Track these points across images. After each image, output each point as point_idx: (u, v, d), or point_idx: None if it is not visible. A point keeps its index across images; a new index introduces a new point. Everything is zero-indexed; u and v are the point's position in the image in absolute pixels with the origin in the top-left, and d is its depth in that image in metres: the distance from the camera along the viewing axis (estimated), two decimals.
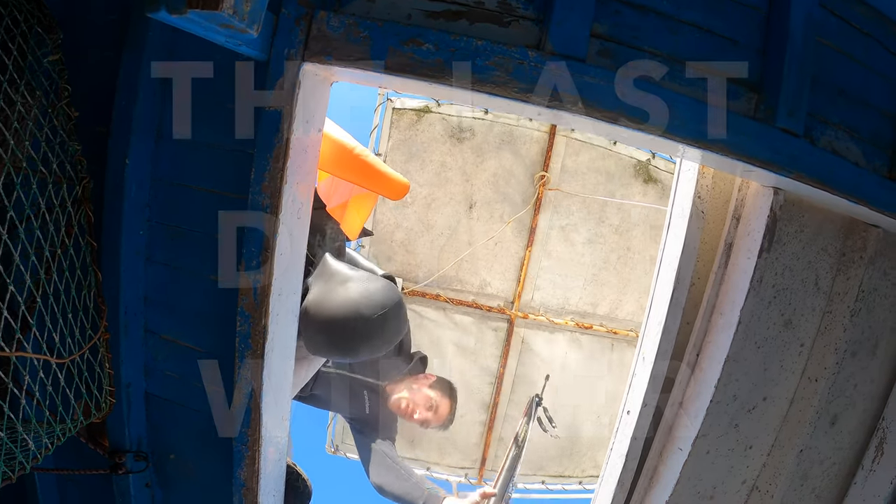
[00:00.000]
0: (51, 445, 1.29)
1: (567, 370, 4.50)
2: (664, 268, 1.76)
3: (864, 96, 1.61)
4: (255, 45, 1.26)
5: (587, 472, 4.73)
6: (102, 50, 1.48)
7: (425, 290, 4.30)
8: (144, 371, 1.59)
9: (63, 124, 1.36)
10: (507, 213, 4.22)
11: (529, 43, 1.32)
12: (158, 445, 1.64)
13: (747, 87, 1.46)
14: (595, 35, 1.34)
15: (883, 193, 1.58)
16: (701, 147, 1.38)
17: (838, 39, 1.56)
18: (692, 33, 1.42)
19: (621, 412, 1.85)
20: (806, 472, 1.80)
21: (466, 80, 1.26)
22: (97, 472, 1.58)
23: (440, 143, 4.14)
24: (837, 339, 1.70)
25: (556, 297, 4.40)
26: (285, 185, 1.32)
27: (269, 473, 1.52)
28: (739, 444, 1.73)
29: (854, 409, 1.81)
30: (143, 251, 1.52)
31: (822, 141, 1.54)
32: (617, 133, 1.38)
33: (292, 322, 1.51)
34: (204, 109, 1.43)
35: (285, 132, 1.30)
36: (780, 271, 1.61)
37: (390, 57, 1.26)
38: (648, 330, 1.79)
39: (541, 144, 4.19)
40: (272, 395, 1.45)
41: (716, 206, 1.75)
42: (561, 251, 4.33)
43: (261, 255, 1.34)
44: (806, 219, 1.63)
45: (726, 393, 1.64)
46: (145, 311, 1.56)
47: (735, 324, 1.59)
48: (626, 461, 1.81)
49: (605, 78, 1.30)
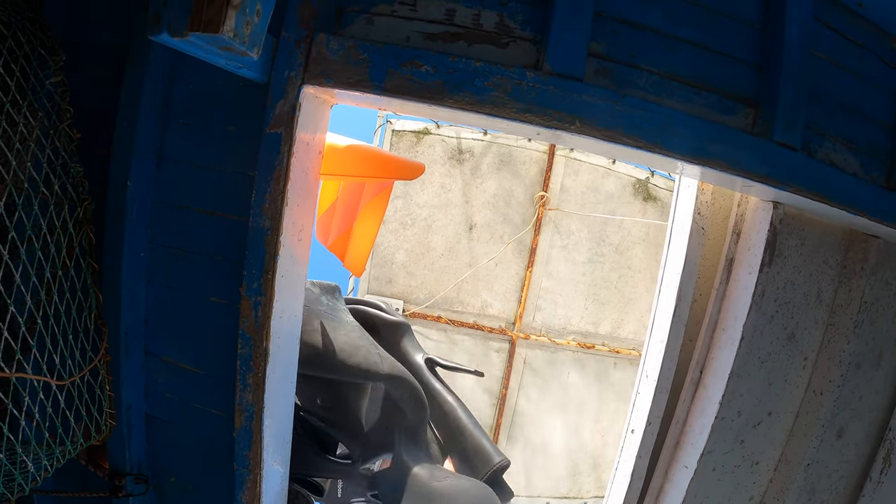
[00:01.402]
0: (50, 467, 1.28)
1: (570, 390, 4.48)
2: (665, 285, 1.76)
3: (861, 107, 1.62)
4: (256, 68, 1.27)
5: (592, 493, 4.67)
6: (104, 72, 1.50)
7: (426, 312, 4.30)
8: (145, 393, 1.58)
9: (65, 146, 1.37)
10: (508, 234, 4.23)
11: (527, 63, 1.33)
12: (159, 468, 1.63)
13: (744, 102, 1.48)
14: (592, 54, 1.36)
15: (882, 203, 1.58)
16: (699, 163, 1.38)
17: (833, 52, 1.57)
18: (688, 50, 1.44)
19: (625, 431, 1.83)
20: (813, 485, 1.78)
21: (465, 102, 1.26)
22: (97, 494, 1.57)
23: (440, 164, 4.16)
24: (841, 352, 1.69)
25: (558, 318, 4.39)
26: (286, 206, 1.32)
27: (271, 497, 1.50)
28: (746, 460, 1.72)
29: (860, 421, 1.79)
30: (144, 273, 1.52)
31: (819, 153, 1.54)
32: (616, 151, 1.39)
33: (293, 344, 1.50)
34: (205, 132, 1.44)
35: (286, 154, 1.31)
36: (782, 285, 1.61)
37: (389, 79, 1.27)
38: (651, 348, 1.78)
39: (540, 164, 4.21)
40: (273, 418, 1.44)
41: (716, 222, 1.75)
42: (562, 271, 4.33)
43: (262, 277, 1.34)
44: (806, 232, 1.63)
45: (731, 409, 1.62)
46: (146, 333, 1.55)
47: (738, 339, 1.58)
48: (632, 480, 1.79)
49: (602, 97, 1.30)
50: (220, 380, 1.45)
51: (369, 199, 2.87)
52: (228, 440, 1.42)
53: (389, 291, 4.23)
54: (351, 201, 2.89)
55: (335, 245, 3.11)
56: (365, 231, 2.99)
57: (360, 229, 2.97)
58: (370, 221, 2.97)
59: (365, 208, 2.89)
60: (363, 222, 2.95)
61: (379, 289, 4.24)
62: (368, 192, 2.88)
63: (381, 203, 2.96)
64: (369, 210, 2.91)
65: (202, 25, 1.04)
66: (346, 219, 2.90)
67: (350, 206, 2.89)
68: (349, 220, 2.90)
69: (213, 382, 1.49)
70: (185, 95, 1.49)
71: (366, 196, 2.87)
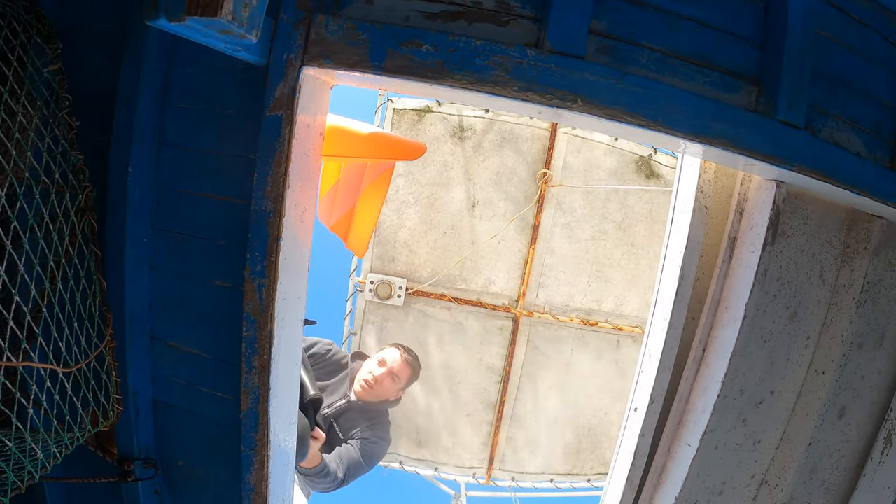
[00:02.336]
0: (59, 454, 1.29)
1: (573, 368, 4.49)
2: (668, 264, 1.76)
3: (865, 87, 1.61)
4: (255, 51, 1.27)
5: (595, 470, 4.71)
6: (102, 58, 1.49)
7: (429, 290, 4.29)
8: (151, 378, 1.60)
9: (64, 134, 1.36)
10: (510, 212, 4.20)
11: (528, 42, 1.32)
12: (167, 452, 1.65)
13: (747, 80, 1.46)
14: (593, 32, 1.34)
15: (885, 184, 1.58)
16: (702, 142, 1.37)
17: (837, 30, 1.55)
18: (691, 28, 1.42)
19: (628, 409, 1.85)
20: (815, 465, 1.80)
21: (466, 81, 1.26)
22: (106, 479, 1.59)
23: (442, 142, 4.13)
24: (843, 331, 1.69)
25: (561, 295, 4.38)
26: (288, 189, 1.32)
27: (279, 478, 1.52)
28: (748, 439, 1.73)
29: (862, 400, 1.80)
30: (147, 258, 1.53)
31: (823, 133, 1.53)
32: (618, 130, 1.38)
33: (298, 326, 1.51)
34: (205, 115, 1.44)
35: (286, 137, 1.30)
36: (785, 264, 1.61)
37: (389, 59, 1.26)
38: (654, 326, 1.78)
39: (542, 142, 4.18)
40: (279, 400, 1.45)
41: (719, 201, 1.74)
42: (564, 248, 4.31)
43: (265, 259, 1.34)
44: (809, 211, 1.63)
45: (733, 387, 1.63)
46: (151, 318, 1.56)
47: (741, 318, 1.58)
48: (635, 458, 1.80)
49: (604, 75, 1.29)
50: (226, 363, 1.46)
51: (371, 181, 2.87)
52: (235, 422, 1.43)
53: (392, 270, 4.22)
54: (352, 182, 2.89)
55: (337, 226, 3.12)
56: (367, 212, 2.99)
57: (362, 210, 2.97)
58: (372, 202, 2.97)
59: (367, 189, 2.89)
60: (365, 203, 2.95)
61: (382, 267, 4.23)
62: (370, 174, 2.88)
63: (382, 184, 2.96)
64: (371, 191, 2.91)
65: (200, 9, 1.02)
66: (347, 200, 2.90)
67: (352, 187, 2.89)
68: (351, 200, 2.90)
69: (218, 365, 1.50)
70: (183, 80, 1.48)
71: (367, 177, 2.87)
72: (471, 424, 4.50)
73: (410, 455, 4.50)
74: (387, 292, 4.25)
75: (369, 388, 2.90)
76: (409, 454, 4.50)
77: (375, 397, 2.94)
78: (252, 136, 1.34)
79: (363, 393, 2.90)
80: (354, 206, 2.94)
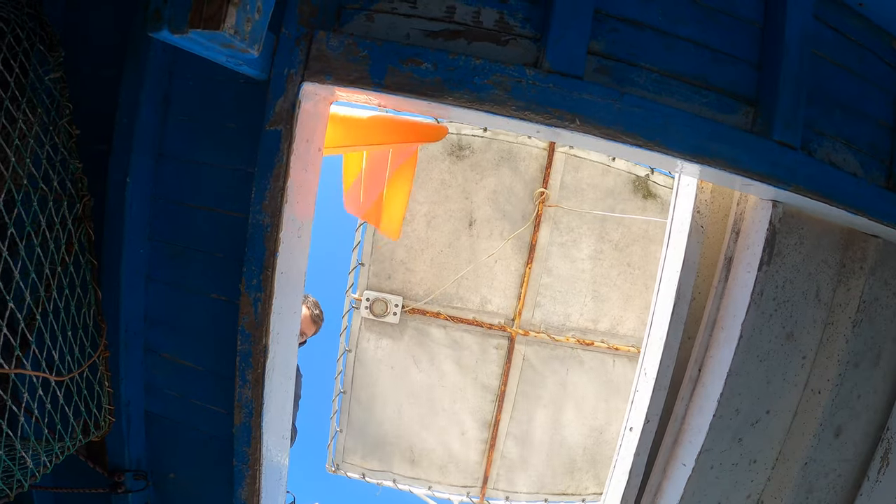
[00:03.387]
0: (49, 464, 1.27)
1: (568, 387, 4.47)
2: (664, 283, 1.76)
3: (861, 107, 1.62)
4: (256, 65, 1.27)
5: (590, 490, 4.67)
6: (104, 68, 1.50)
7: (425, 308, 4.28)
8: (144, 389, 1.58)
9: (64, 142, 1.36)
10: (507, 230, 4.21)
11: (527, 61, 1.33)
12: (158, 464, 1.63)
13: (744, 100, 1.48)
14: (592, 52, 1.36)
15: (881, 204, 1.58)
16: (699, 162, 1.38)
17: (833, 51, 1.57)
18: (688, 49, 1.44)
19: (624, 429, 1.84)
20: (811, 484, 1.78)
21: (465, 99, 1.27)
22: (96, 490, 1.57)
23: (439, 160, 4.15)
24: (840, 351, 1.69)
25: (557, 314, 4.38)
26: (286, 203, 1.32)
27: (271, 493, 1.50)
28: (744, 459, 1.72)
29: (858, 420, 1.79)
30: (144, 269, 1.52)
31: (819, 153, 1.54)
32: (615, 149, 1.39)
33: (292, 341, 1.50)
34: (205, 128, 1.44)
35: (285, 151, 1.31)
36: (781, 284, 1.61)
37: (389, 76, 1.27)
38: (650, 345, 1.78)
39: (540, 161, 4.21)
40: (272, 414, 1.44)
41: (715, 221, 1.75)
42: (561, 268, 4.32)
43: (262, 273, 1.34)
44: (805, 231, 1.64)
45: (729, 407, 1.63)
46: (145, 329, 1.56)
47: (737, 338, 1.58)
48: (630, 478, 1.79)
49: (602, 95, 1.30)
50: (220, 376, 1.45)
51: (397, 166, 2.87)
52: (228, 436, 1.42)
53: (389, 287, 4.22)
54: (377, 170, 2.88)
55: (368, 214, 3.12)
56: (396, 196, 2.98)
57: (391, 195, 2.96)
58: (400, 186, 2.96)
59: (393, 175, 2.89)
60: (393, 188, 2.94)
61: (378, 284, 4.22)
62: (395, 160, 2.88)
63: (408, 168, 2.96)
64: (398, 176, 2.91)
65: (203, 22, 1.04)
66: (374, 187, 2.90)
67: (377, 175, 2.88)
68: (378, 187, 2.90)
69: (212, 379, 1.49)
70: (184, 92, 1.48)
71: (393, 163, 2.86)
72: (465, 443, 4.46)
73: (404, 473, 4.45)
74: (383, 310, 4.24)
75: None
76: (403, 472, 4.46)
77: None
78: (251, 150, 1.35)
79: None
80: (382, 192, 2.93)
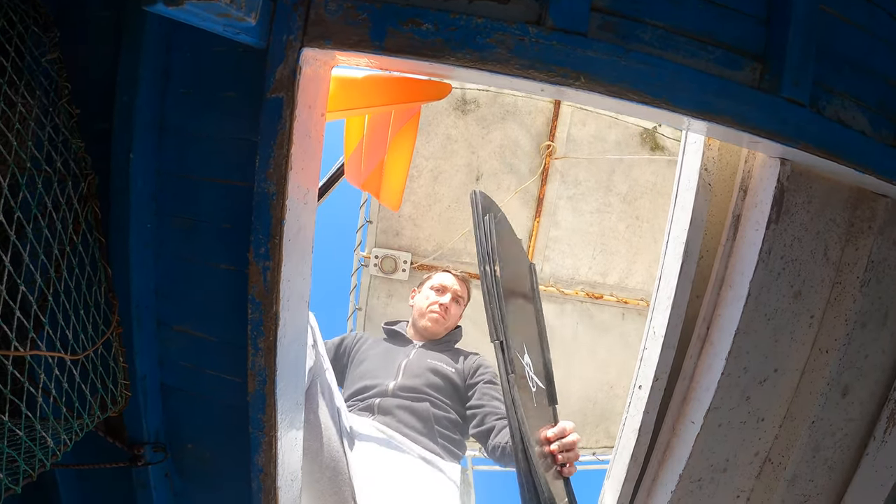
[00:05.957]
0: (69, 441, 1.30)
1: (578, 341, 4.49)
2: (672, 242, 1.75)
3: (870, 64, 1.59)
4: (254, 33, 1.26)
5: (601, 444, 4.73)
6: (100, 46, 1.48)
7: (434, 264, 4.27)
8: (159, 362, 1.61)
9: (65, 122, 1.36)
10: (514, 184, 4.17)
11: (529, 19, 1.30)
12: (176, 436, 1.66)
13: (751, 57, 1.44)
14: (596, 9, 1.33)
15: (890, 163, 1.56)
16: (706, 119, 1.36)
17: (842, 7, 1.53)
18: (694, 4, 1.40)
19: (633, 387, 1.85)
20: (818, 443, 1.81)
21: (468, 59, 1.24)
22: (117, 465, 1.60)
23: (445, 115, 4.09)
24: (847, 310, 1.69)
25: (566, 268, 4.37)
26: (290, 171, 1.31)
27: (287, 458, 1.54)
28: (751, 417, 1.74)
29: (865, 379, 1.80)
30: (152, 244, 1.53)
31: (828, 110, 1.52)
32: (621, 107, 1.37)
33: (303, 307, 1.52)
34: (206, 100, 1.43)
35: (288, 119, 1.30)
36: (789, 242, 1.61)
37: (390, 38, 1.25)
38: (658, 304, 1.78)
39: (546, 114, 4.14)
40: (286, 381, 1.46)
41: (723, 179, 1.73)
42: (569, 221, 4.29)
43: (269, 242, 1.34)
44: (814, 189, 1.62)
45: (737, 365, 1.64)
46: (157, 303, 1.57)
47: (744, 296, 1.58)
48: (639, 436, 1.81)
49: (607, 52, 1.28)
50: (233, 345, 1.46)
51: (398, 129, 2.73)
52: (243, 404, 1.44)
53: (397, 244, 4.21)
54: (378, 134, 2.74)
55: (368, 183, 2.98)
56: (397, 163, 2.85)
57: (392, 162, 2.80)
58: (402, 152, 2.82)
59: (394, 139, 2.74)
60: (394, 154, 2.80)
61: (386, 241, 4.21)
62: (396, 122, 2.73)
63: (410, 131, 2.81)
64: (399, 140, 2.76)
65: None
66: (375, 154, 2.75)
67: (378, 140, 2.72)
68: (379, 154, 2.75)
69: (225, 348, 1.51)
70: (183, 64, 1.47)
71: (394, 126, 2.72)
72: None
73: None
74: (392, 267, 4.25)
75: (442, 318, 2.63)
76: None
77: (446, 329, 2.67)
78: (253, 119, 1.34)
79: (435, 326, 2.63)
80: (383, 159, 2.82)
